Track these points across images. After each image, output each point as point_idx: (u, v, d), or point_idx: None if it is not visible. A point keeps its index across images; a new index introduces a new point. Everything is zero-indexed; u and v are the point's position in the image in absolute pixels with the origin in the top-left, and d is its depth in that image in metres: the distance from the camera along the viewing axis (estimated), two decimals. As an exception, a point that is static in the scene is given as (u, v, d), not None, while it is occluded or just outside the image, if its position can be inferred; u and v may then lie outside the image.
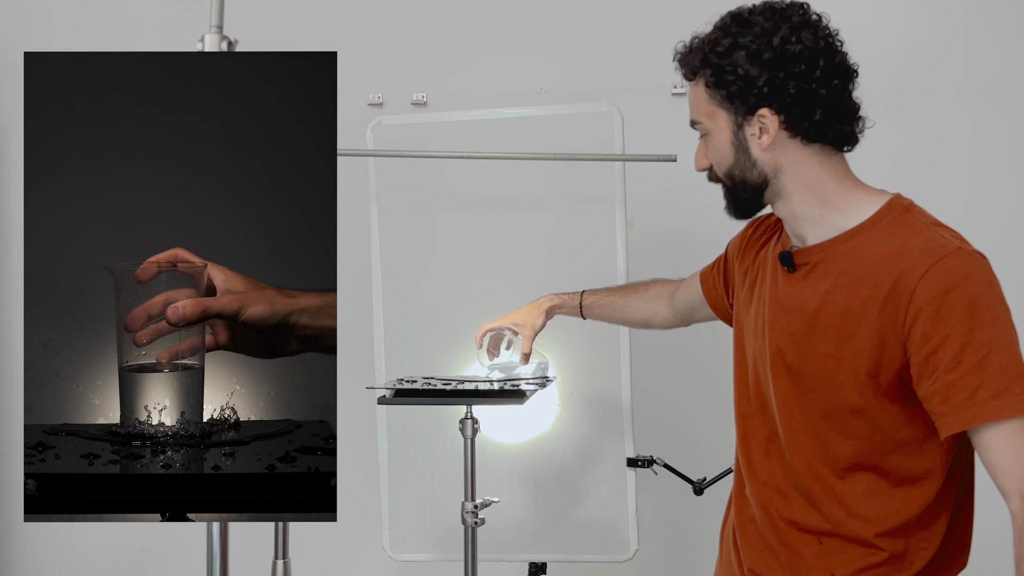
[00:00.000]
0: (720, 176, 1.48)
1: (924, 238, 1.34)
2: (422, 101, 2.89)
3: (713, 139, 1.45)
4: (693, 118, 1.48)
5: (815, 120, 1.38)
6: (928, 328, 1.29)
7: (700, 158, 1.50)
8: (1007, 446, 1.27)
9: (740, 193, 1.46)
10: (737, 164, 1.44)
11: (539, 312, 2.04)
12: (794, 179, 1.42)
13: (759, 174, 1.43)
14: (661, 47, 2.92)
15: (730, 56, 1.38)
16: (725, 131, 1.43)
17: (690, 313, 1.91)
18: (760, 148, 1.41)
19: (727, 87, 1.39)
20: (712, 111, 1.43)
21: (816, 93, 1.37)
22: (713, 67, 1.40)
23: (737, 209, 1.49)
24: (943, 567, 1.43)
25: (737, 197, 1.47)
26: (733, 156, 1.44)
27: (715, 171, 1.49)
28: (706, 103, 1.43)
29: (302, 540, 2.98)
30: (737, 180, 1.45)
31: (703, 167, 1.50)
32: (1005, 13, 2.71)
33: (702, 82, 1.43)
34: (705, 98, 1.43)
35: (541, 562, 2.45)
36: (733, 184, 1.46)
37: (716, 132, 1.44)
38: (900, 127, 2.70)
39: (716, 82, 1.40)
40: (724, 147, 1.44)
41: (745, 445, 1.55)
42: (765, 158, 1.42)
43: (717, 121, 1.43)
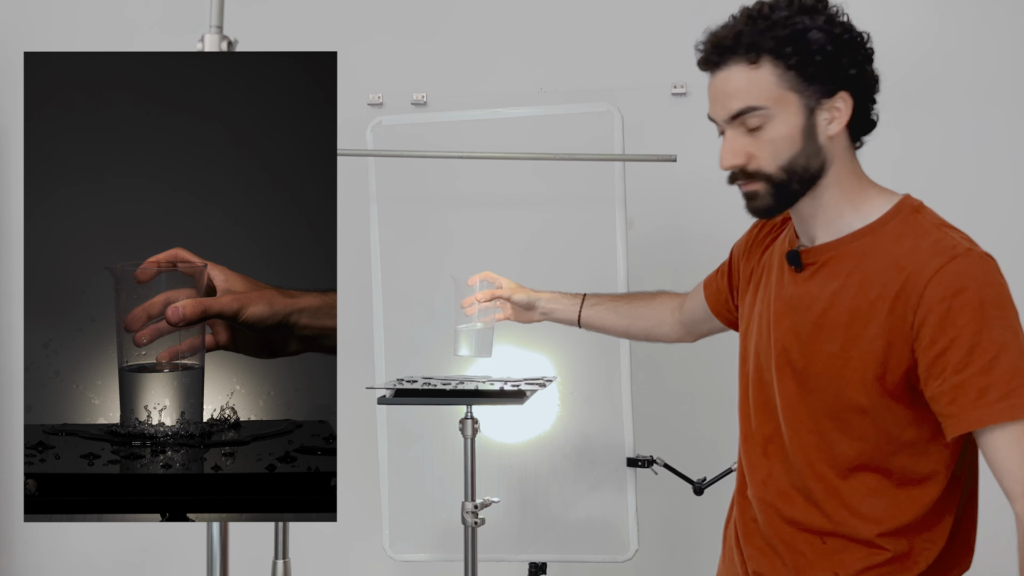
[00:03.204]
0: (770, 170, 1.37)
1: (934, 239, 1.34)
2: (422, 101, 2.89)
3: (776, 127, 1.35)
4: (747, 105, 1.35)
5: (872, 109, 1.38)
6: (937, 329, 1.29)
7: (737, 153, 1.38)
8: (1013, 448, 1.27)
9: (792, 186, 1.38)
10: (803, 152, 1.36)
11: (529, 292, 1.99)
12: (836, 172, 1.39)
13: (820, 163, 1.37)
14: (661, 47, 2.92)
15: (809, 36, 1.32)
16: (796, 116, 1.35)
17: (697, 325, 1.86)
18: (827, 135, 1.37)
19: (813, 67, 1.33)
20: (781, 96, 1.34)
21: (877, 80, 1.37)
22: (795, 46, 1.32)
23: (777, 204, 1.40)
24: (947, 568, 1.42)
25: (787, 190, 1.38)
26: (801, 144, 1.36)
27: (756, 166, 1.37)
28: (774, 87, 1.34)
29: (302, 540, 2.98)
30: (797, 170, 1.37)
31: (739, 163, 1.38)
32: (1008, 14, 2.70)
33: (770, 65, 1.33)
34: (773, 82, 1.34)
35: (541, 562, 2.45)
36: (788, 176, 1.37)
37: (784, 118, 1.35)
38: (901, 127, 2.70)
39: (800, 62, 1.33)
40: (792, 134, 1.35)
41: (746, 445, 1.55)
42: (828, 147, 1.37)
43: (786, 106, 1.35)
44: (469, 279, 2.01)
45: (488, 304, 1.99)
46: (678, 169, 2.50)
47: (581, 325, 1.98)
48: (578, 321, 1.98)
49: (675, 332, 1.92)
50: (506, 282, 2.01)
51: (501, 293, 1.99)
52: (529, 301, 1.99)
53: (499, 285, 2.01)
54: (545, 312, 2.00)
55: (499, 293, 1.98)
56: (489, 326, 2.01)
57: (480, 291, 1.99)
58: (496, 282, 2.01)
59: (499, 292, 1.99)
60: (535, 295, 1.99)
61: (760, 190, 1.39)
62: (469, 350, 2.01)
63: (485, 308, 1.99)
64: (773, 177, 1.38)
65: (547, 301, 1.99)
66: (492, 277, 2.02)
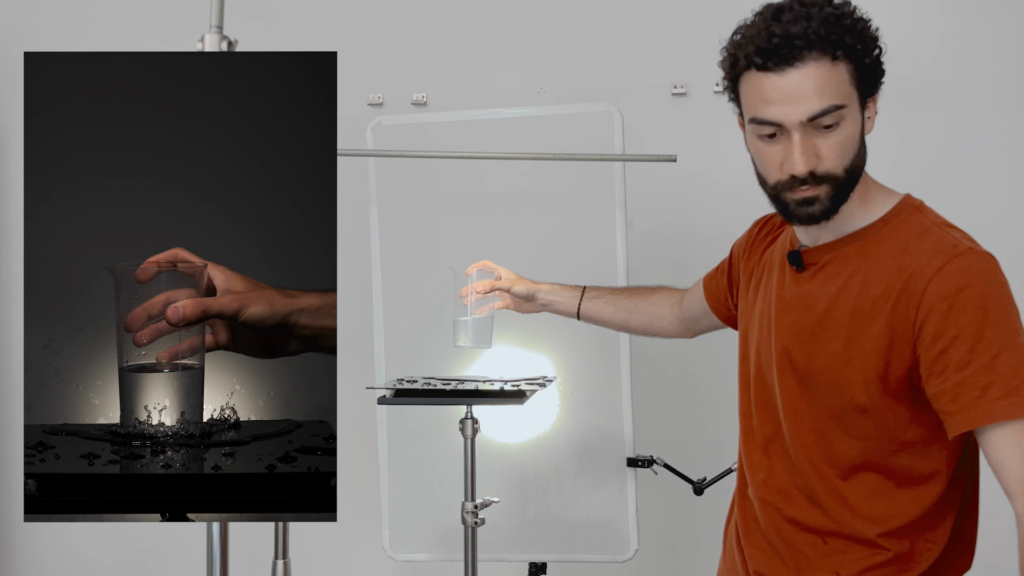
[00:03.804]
0: (837, 171, 1.32)
1: (935, 238, 1.34)
2: (422, 101, 2.89)
3: (847, 126, 1.31)
4: (832, 103, 1.29)
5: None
6: (939, 327, 1.29)
7: (811, 156, 1.31)
8: (1014, 447, 1.26)
9: (849, 187, 1.35)
10: (860, 151, 1.35)
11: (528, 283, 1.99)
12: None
13: (863, 162, 1.37)
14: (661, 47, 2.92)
15: (868, 34, 1.31)
16: (859, 115, 1.33)
17: (695, 321, 1.87)
18: (866, 133, 1.37)
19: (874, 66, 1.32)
20: (851, 94, 1.31)
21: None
22: (864, 44, 1.30)
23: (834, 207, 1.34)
24: (948, 568, 1.42)
25: (844, 192, 1.34)
26: (859, 142, 1.34)
27: (824, 168, 1.32)
28: (848, 85, 1.30)
29: (302, 540, 2.98)
30: (856, 171, 1.35)
31: (812, 167, 1.31)
32: (1008, 13, 2.70)
33: (845, 62, 1.29)
34: (848, 80, 1.30)
35: (541, 562, 2.45)
36: (849, 177, 1.34)
37: (853, 117, 1.32)
38: (901, 126, 2.70)
39: (870, 61, 1.31)
40: (856, 133, 1.33)
41: (746, 445, 1.55)
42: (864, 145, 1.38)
43: (854, 104, 1.32)
44: (467, 269, 2.01)
45: (487, 295, 1.99)
46: (678, 169, 2.50)
47: (580, 317, 1.98)
48: (577, 313, 1.97)
49: (673, 327, 1.92)
50: (505, 272, 2.01)
51: (500, 284, 1.99)
52: (528, 292, 1.98)
53: (498, 275, 2.01)
54: (544, 303, 1.99)
55: (498, 284, 1.98)
56: (488, 316, 2.01)
57: (478, 281, 1.99)
58: (495, 271, 2.01)
59: (499, 283, 1.99)
60: (534, 286, 1.99)
61: (822, 194, 1.33)
62: (468, 340, 2.00)
63: (483, 298, 1.99)
64: (839, 179, 1.33)
65: (547, 292, 1.98)
66: (490, 266, 2.02)
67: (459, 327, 2.00)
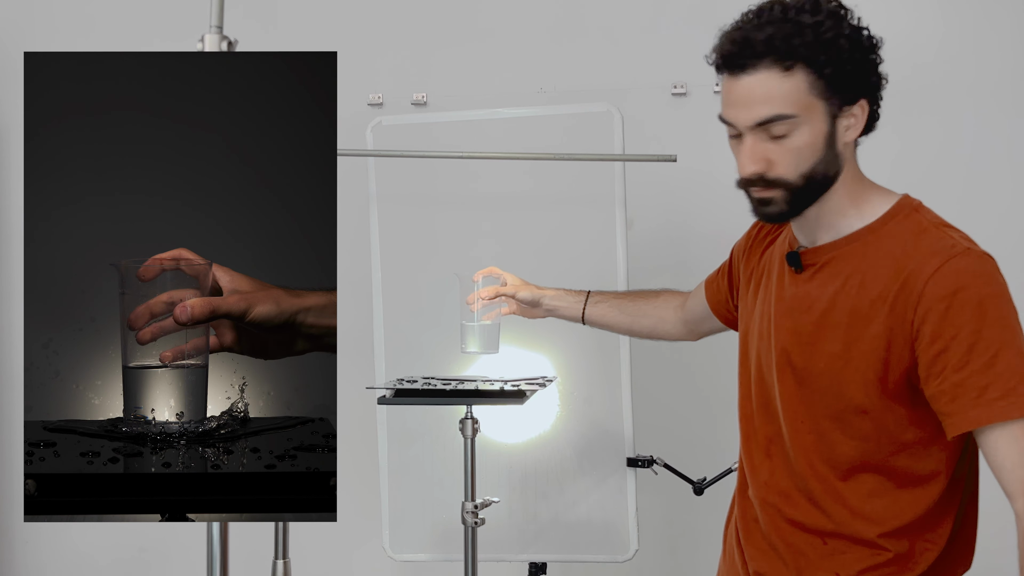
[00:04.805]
0: (790, 177, 1.35)
1: (933, 239, 1.34)
2: (422, 101, 2.89)
3: (802, 134, 1.33)
4: (778, 112, 1.32)
5: (878, 112, 1.38)
6: (936, 328, 1.29)
7: (756, 160, 1.35)
8: (1013, 447, 1.27)
9: (808, 193, 1.37)
10: (823, 160, 1.35)
11: (533, 289, 2.00)
12: (844, 176, 1.39)
13: (835, 169, 1.37)
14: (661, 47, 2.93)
15: (838, 45, 1.31)
16: (822, 124, 1.34)
17: (698, 324, 1.87)
18: (844, 142, 1.37)
19: (840, 76, 1.32)
20: (810, 103, 1.32)
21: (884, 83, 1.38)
22: (829, 56, 1.31)
23: (791, 211, 1.39)
24: (948, 568, 1.42)
25: (802, 198, 1.37)
26: (823, 151, 1.35)
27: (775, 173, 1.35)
28: (804, 94, 1.31)
29: (302, 540, 2.97)
30: (816, 177, 1.36)
31: (763, 169, 1.35)
32: (1007, 14, 2.70)
33: (802, 71, 1.31)
34: (804, 89, 1.31)
35: (541, 562, 2.45)
36: (807, 183, 1.36)
37: (811, 125, 1.33)
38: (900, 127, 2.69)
39: (835, 72, 1.31)
40: (816, 142, 1.34)
41: (747, 446, 1.55)
42: (842, 153, 1.38)
43: (813, 114, 1.33)
44: (473, 275, 2.02)
45: (493, 300, 2.00)
46: (678, 169, 2.50)
47: (585, 322, 1.99)
48: (582, 318, 1.99)
49: (677, 330, 1.93)
50: (511, 278, 2.02)
51: (506, 290, 1.99)
52: (533, 298, 1.99)
53: (504, 281, 2.01)
54: (549, 309, 2.00)
55: (504, 290, 1.99)
56: (495, 322, 2.02)
57: (484, 287, 2.00)
58: (501, 278, 2.02)
59: (504, 289, 1.99)
60: (539, 292, 2.00)
61: (776, 197, 1.37)
62: (476, 346, 2.02)
63: (490, 304, 2.00)
64: (793, 185, 1.36)
65: (551, 298, 1.99)
66: (496, 272, 2.02)
67: (467, 333, 2.01)
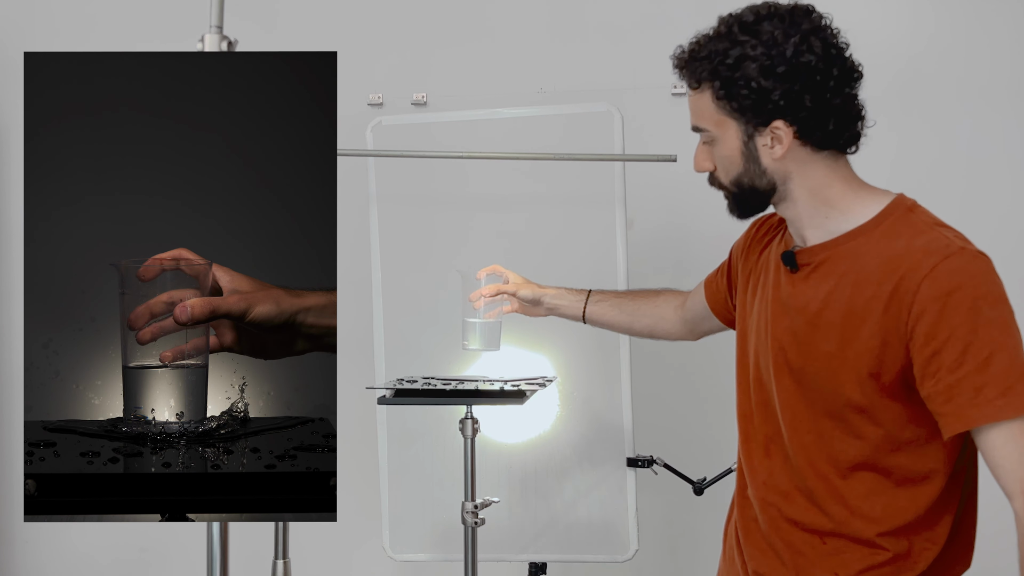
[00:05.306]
0: (725, 183, 1.46)
1: (928, 238, 1.34)
2: (422, 101, 2.89)
3: (720, 147, 1.43)
4: (697, 124, 1.44)
5: (828, 130, 1.37)
6: (931, 328, 1.29)
7: (701, 160, 1.47)
8: (1010, 446, 1.27)
9: (747, 199, 1.45)
10: (746, 172, 1.42)
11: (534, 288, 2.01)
12: (802, 184, 1.41)
13: (768, 182, 1.42)
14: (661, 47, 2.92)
15: (741, 68, 1.34)
16: (735, 140, 1.40)
17: (698, 323, 1.88)
18: (772, 158, 1.39)
19: (739, 100, 1.35)
20: (721, 120, 1.40)
21: (831, 104, 1.35)
22: (723, 79, 1.36)
23: (741, 212, 1.49)
24: (947, 567, 1.42)
25: (743, 202, 1.47)
26: (742, 165, 1.41)
27: (718, 176, 1.46)
28: (714, 112, 1.40)
29: (302, 540, 2.97)
30: (745, 187, 1.43)
31: (704, 169, 1.48)
32: (1003, 14, 2.70)
33: (709, 92, 1.39)
34: (713, 108, 1.39)
35: (541, 562, 2.45)
36: (740, 190, 1.44)
37: (725, 141, 1.41)
38: (897, 127, 2.70)
39: (727, 95, 1.36)
40: (733, 156, 1.41)
41: (746, 445, 1.55)
42: (775, 167, 1.40)
43: (726, 130, 1.40)
44: (477, 273, 2.03)
45: (495, 298, 2.01)
46: (678, 169, 2.49)
47: (586, 321, 2.00)
48: (583, 317, 2.00)
49: (677, 330, 1.93)
50: (513, 276, 2.02)
51: (507, 288, 2.00)
52: (535, 296, 2.00)
53: (506, 279, 2.02)
54: (550, 307, 2.01)
55: (505, 288, 2.00)
56: (497, 320, 2.03)
57: (487, 285, 2.01)
58: (503, 276, 2.03)
59: (505, 287, 2.00)
60: (540, 291, 2.01)
61: (724, 195, 1.49)
62: (477, 343, 2.03)
63: (492, 302, 2.01)
64: (728, 189, 1.47)
65: (552, 297, 2.00)
66: (499, 271, 2.03)
67: (469, 329, 2.02)
